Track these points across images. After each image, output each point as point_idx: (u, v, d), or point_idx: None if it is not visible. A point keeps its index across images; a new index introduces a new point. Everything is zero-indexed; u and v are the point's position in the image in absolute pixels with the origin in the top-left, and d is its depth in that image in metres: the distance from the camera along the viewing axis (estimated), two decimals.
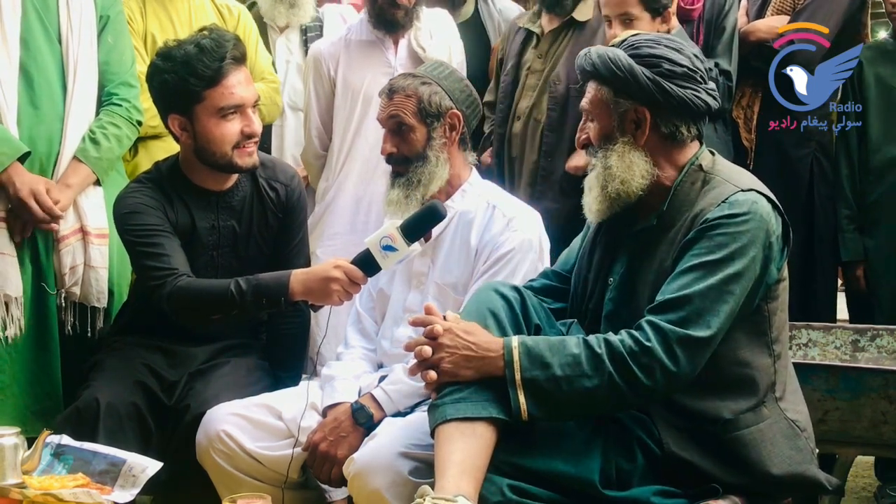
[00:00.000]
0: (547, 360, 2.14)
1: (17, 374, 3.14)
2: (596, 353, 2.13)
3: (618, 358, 2.12)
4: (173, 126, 2.91)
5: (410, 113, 2.83)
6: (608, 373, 2.11)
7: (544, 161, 3.68)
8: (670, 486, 2.22)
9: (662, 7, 3.44)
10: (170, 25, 3.75)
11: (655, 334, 2.13)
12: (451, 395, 2.21)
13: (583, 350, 2.14)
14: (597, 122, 2.35)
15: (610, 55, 2.30)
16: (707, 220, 2.20)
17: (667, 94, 2.27)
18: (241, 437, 2.72)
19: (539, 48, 3.77)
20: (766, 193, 2.26)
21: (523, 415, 2.13)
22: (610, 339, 2.15)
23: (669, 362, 2.11)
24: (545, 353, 2.15)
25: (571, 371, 2.12)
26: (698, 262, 2.17)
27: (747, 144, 3.94)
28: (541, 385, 2.12)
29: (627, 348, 2.12)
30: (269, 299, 2.74)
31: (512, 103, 3.79)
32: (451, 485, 2.10)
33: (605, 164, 2.31)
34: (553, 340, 2.17)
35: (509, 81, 3.80)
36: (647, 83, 2.27)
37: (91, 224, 3.22)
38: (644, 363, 2.11)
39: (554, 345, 2.16)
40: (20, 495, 2.30)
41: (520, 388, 2.13)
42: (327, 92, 3.78)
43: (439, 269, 2.86)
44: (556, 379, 2.12)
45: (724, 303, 2.15)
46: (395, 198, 2.83)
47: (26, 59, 3.17)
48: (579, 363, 2.12)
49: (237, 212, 3.01)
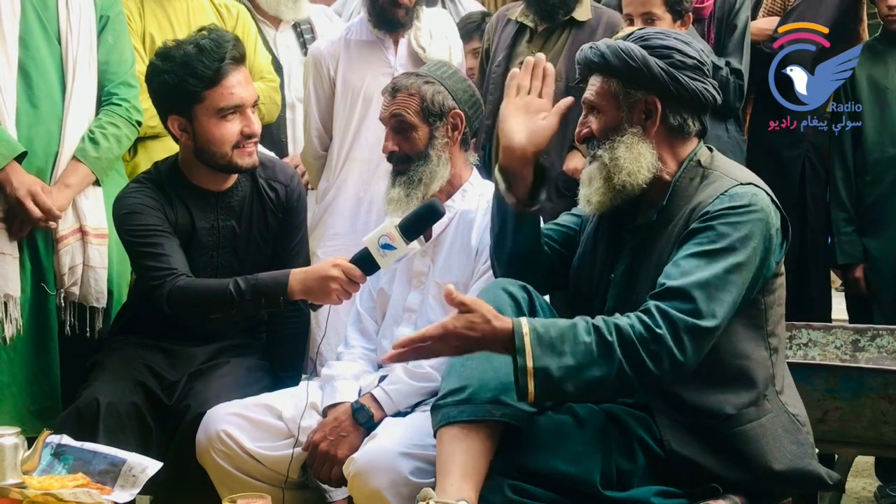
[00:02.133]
0: (559, 349, 2.10)
1: (17, 375, 3.14)
2: (607, 340, 2.10)
3: (629, 345, 2.10)
4: (173, 127, 2.91)
5: (413, 112, 2.83)
6: (618, 360, 2.09)
7: (541, 159, 3.66)
8: (671, 486, 2.21)
9: (684, 10, 3.46)
10: (168, 25, 3.74)
11: (665, 322, 2.11)
12: (454, 397, 2.21)
13: (594, 338, 2.11)
14: (603, 114, 2.34)
15: (621, 46, 2.30)
16: (708, 212, 2.20)
17: (679, 85, 2.28)
18: (241, 437, 2.72)
19: (534, 43, 3.75)
20: (763, 187, 2.27)
21: (529, 398, 2.10)
22: (620, 325, 2.12)
23: (677, 351, 2.10)
24: (556, 342, 2.10)
25: (583, 359, 2.09)
26: (701, 249, 2.16)
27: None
28: (552, 374, 2.08)
29: (638, 335, 2.10)
30: (267, 299, 2.74)
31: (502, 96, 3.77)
32: (454, 488, 2.10)
33: (612, 154, 2.31)
34: (563, 327, 2.13)
35: (500, 73, 3.75)
36: (661, 73, 2.27)
37: (90, 224, 3.21)
38: (653, 350, 2.09)
39: (565, 332, 2.11)
40: (20, 495, 2.30)
41: (530, 377, 2.08)
42: (327, 92, 3.78)
43: (440, 268, 2.86)
44: (568, 368, 2.09)
45: (729, 293, 2.14)
46: (395, 196, 2.83)
47: (25, 58, 3.16)
48: (591, 351, 2.09)
49: (237, 212, 3.01)
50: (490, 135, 3.77)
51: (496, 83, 3.77)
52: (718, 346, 2.20)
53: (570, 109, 2.45)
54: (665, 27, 3.37)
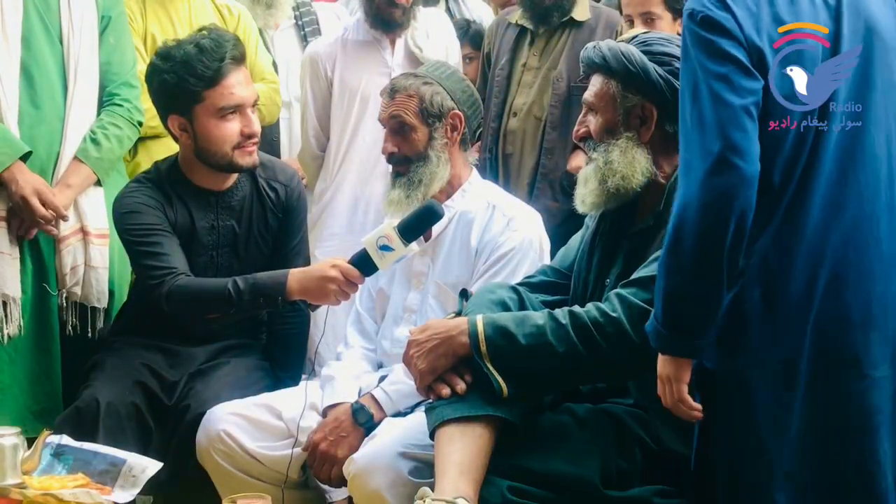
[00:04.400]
0: (511, 331, 2.15)
1: (18, 375, 3.14)
2: (560, 323, 2.14)
3: (582, 328, 2.13)
4: (173, 127, 2.91)
5: (412, 113, 2.83)
6: (573, 343, 2.12)
7: (545, 159, 3.68)
8: (671, 486, 2.22)
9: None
10: (170, 25, 3.74)
11: (622, 305, 2.14)
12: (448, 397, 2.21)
13: (547, 321, 2.15)
14: (601, 115, 2.35)
15: (622, 49, 2.30)
16: None
17: (676, 94, 2.26)
18: (242, 437, 2.72)
19: (535, 45, 3.76)
20: None
21: (504, 391, 2.14)
22: (575, 311, 2.16)
23: (632, 332, 2.11)
24: (509, 325, 2.16)
25: (535, 341, 2.13)
26: None
27: None
28: (505, 356, 2.13)
29: (592, 318, 2.14)
30: (266, 298, 2.74)
31: (506, 98, 3.79)
32: (451, 486, 2.10)
33: (607, 158, 2.31)
34: (518, 314, 2.19)
35: (504, 76, 3.78)
36: (659, 80, 2.27)
37: (91, 224, 3.21)
38: (608, 332, 2.12)
39: (518, 317, 2.18)
40: (20, 495, 2.30)
41: (487, 360, 2.14)
42: (324, 92, 3.78)
43: (439, 268, 2.86)
44: (521, 349, 2.13)
45: None
46: (395, 198, 2.84)
47: (27, 58, 3.16)
48: (543, 333, 2.14)
49: (237, 212, 3.01)
50: (496, 137, 3.78)
51: (500, 86, 3.78)
52: None
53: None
54: (665, 26, 3.37)
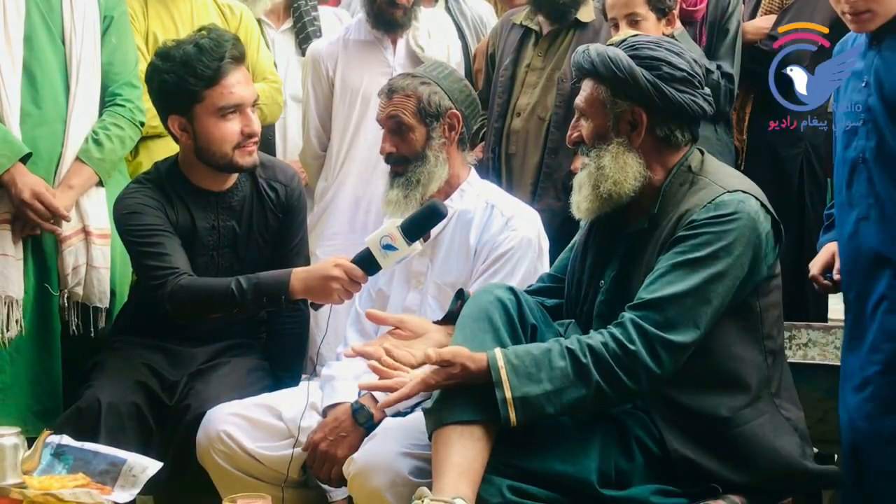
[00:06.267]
0: (536, 377, 2.13)
1: (19, 375, 3.14)
2: (582, 363, 2.13)
3: (603, 365, 2.12)
4: (173, 127, 2.92)
5: (410, 113, 2.83)
6: (595, 381, 2.12)
7: (548, 159, 3.68)
8: (670, 486, 2.22)
9: (668, 8, 3.46)
10: (171, 25, 3.75)
11: (639, 336, 2.13)
12: (446, 399, 2.21)
13: (568, 362, 2.13)
14: (591, 120, 2.34)
15: (610, 54, 2.28)
16: (694, 220, 2.20)
17: (665, 98, 2.26)
18: (242, 437, 2.72)
19: (540, 46, 3.77)
20: (753, 192, 2.26)
21: (511, 423, 2.13)
22: (593, 346, 2.14)
23: (653, 364, 2.12)
24: (532, 370, 2.14)
25: (561, 383, 2.12)
26: (682, 259, 2.17)
27: (738, 145, 3.95)
28: (531, 401, 2.12)
29: (612, 353, 2.13)
30: (269, 298, 2.74)
31: (510, 99, 3.79)
32: (450, 487, 2.10)
33: (599, 164, 2.30)
34: (536, 353, 2.16)
35: (508, 77, 3.79)
36: (647, 85, 2.25)
37: (93, 224, 3.22)
38: (628, 366, 2.12)
39: (538, 359, 2.15)
40: (20, 495, 2.31)
41: (511, 407, 2.13)
42: (326, 92, 3.79)
43: (438, 268, 2.87)
44: (547, 394, 2.12)
45: (708, 303, 2.15)
46: (394, 198, 2.84)
47: (29, 59, 3.17)
48: (567, 375, 2.12)
49: (237, 212, 3.02)
50: (499, 137, 3.78)
51: (503, 86, 3.78)
52: (713, 349, 2.21)
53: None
54: (650, 27, 3.37)
